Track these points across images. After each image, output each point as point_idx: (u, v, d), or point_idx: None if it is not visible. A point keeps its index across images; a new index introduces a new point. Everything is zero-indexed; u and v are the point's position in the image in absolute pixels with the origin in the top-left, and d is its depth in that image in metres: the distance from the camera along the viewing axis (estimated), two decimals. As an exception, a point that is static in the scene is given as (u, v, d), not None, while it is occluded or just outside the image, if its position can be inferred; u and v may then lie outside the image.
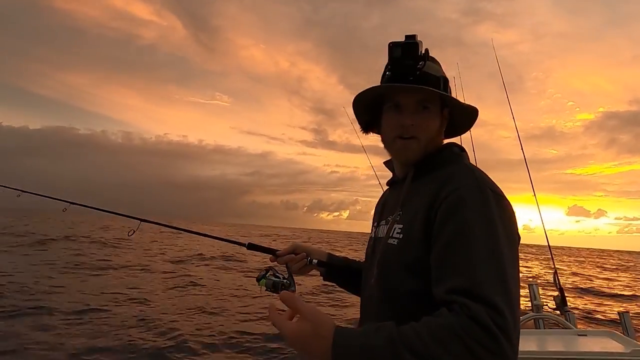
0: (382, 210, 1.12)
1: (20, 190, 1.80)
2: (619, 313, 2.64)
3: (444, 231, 0.80)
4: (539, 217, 3.23)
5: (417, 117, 0.95)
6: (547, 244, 3.26)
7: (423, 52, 0.95)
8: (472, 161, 1.02)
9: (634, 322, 2.89)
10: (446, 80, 0.99)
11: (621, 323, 2.56)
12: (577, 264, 34.16)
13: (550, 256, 3.26)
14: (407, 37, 0.95)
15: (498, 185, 0.89)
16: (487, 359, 0.65)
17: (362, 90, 0.99)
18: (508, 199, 0.88)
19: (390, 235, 0.95)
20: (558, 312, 2.92)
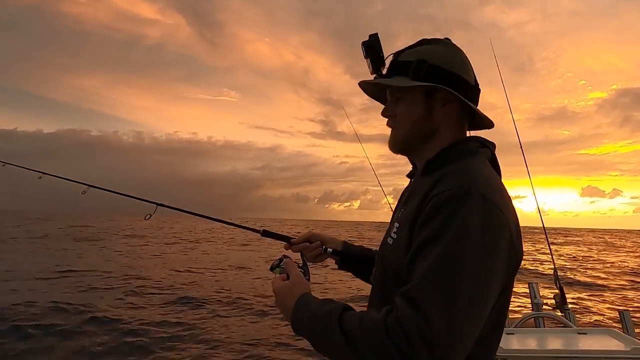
0: (398, 202, 1.10)
1: (42, 173, 1.86)
2: (619, 312, 2.64)
3: (420, 235, 0.78)
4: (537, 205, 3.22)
5: (393, 108, 0.96)
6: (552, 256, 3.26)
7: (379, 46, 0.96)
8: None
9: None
10: (421, 62, 0.90)
11: (621, 321, 2.56)
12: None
13: (550, 256, 3.26)
14: (369, 36, 0.96)
15: (500, 188, 0.83)
16: None
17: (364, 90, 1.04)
18: (508, 203, 0.82)
19: (390, 233, 0.95)
20: (558, 310, 2.92)
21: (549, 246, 3.33)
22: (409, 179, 1.09)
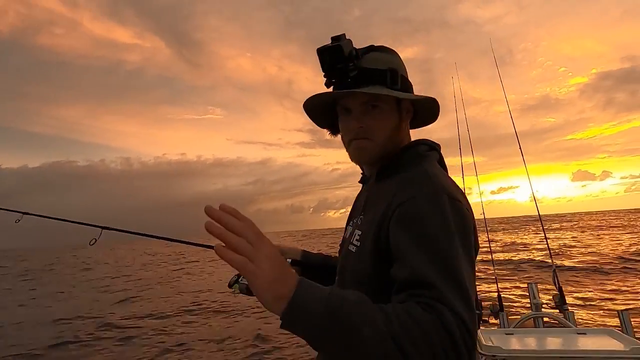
0: (353, 209, 1.09)
1: None
2: (618, 312, 2.64)
3: (399, 243, 0.76)
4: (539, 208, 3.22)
5: (367, 119, 0.91)
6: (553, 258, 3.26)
7: (353, 50, 0.88)
8: (466, 144, 0.99)
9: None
10: (394, 72, 0.90)
11: (620, 321, 2.55)
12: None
13: (551, 256, 3.27)
14: (332, 38, 0.87)
15: (457, 187, 0.86)
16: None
17: (305, 100, 0.96)
18: (466, 198, 0.85)
19: (351, 241, 0.94)
20: (557, 310, 2.92)
21: (547, 242, 3.35)
22: (362, 185, 1.09)
